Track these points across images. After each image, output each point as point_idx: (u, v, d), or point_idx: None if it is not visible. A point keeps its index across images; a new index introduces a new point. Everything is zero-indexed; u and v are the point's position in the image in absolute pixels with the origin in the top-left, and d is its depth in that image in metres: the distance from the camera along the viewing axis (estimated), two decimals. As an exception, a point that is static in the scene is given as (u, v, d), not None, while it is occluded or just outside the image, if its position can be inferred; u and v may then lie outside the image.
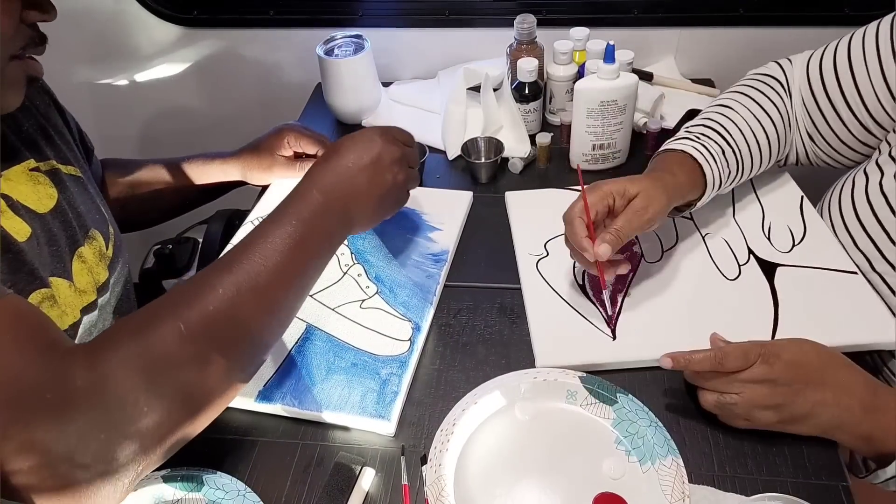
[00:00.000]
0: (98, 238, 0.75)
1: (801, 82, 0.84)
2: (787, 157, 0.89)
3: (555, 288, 0.79)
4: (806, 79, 0.83)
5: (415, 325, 0.75)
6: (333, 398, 0.68)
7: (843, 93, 0.79)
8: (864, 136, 0.80)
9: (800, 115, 0.84)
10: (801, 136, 0.86)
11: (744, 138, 0.81)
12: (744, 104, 0.83)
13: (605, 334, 0.73)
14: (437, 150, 1.05)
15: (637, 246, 0.84)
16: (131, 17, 1.28)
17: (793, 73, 0.85)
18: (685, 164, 0.77)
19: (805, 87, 0.83)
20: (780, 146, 0.84)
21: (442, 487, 0.59)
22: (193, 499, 0.61)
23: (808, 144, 0.85)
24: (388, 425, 0.66)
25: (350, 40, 1.11)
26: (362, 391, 0.68)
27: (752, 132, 0.81)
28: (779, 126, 0.83)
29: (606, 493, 0.59)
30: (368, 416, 0.66)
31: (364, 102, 1.14)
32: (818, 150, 0.85)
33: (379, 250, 0.85)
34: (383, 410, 0.66)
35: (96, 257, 0.74)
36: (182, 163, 0.98)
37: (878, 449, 0.61)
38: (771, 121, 0.83)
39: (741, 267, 0.79)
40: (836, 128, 0.81)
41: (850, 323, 0.70)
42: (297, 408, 0.67)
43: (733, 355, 0.60)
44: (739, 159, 0.80)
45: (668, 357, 0.63)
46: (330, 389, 0.69)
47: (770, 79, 0.85)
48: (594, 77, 0.91)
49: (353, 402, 0.67)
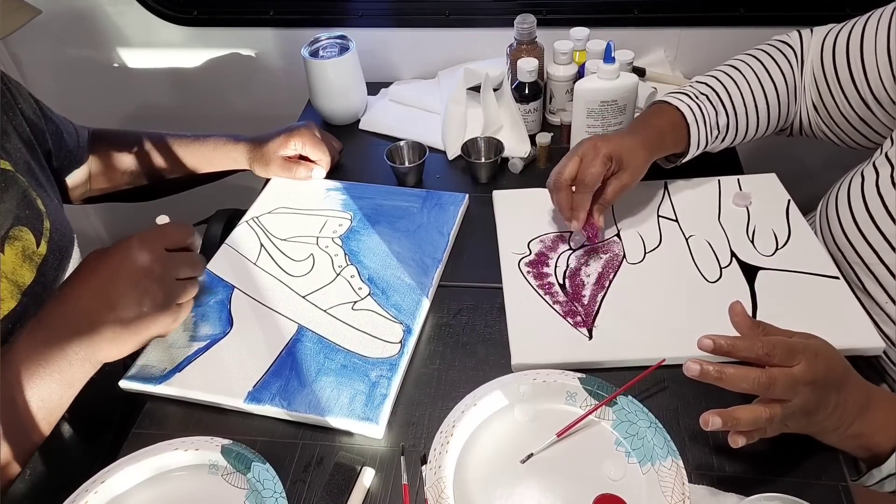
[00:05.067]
0: (25, 236, 0.71)
1: (814, 52, 0.85)
2: (791, 127, 0.91)
3: (535, 287, 0.79)
4: (819, 49, 0.84)
5: (406, 328, 0.75)
6: (322, 400, 0.68)
7: (850, 68, 0.80)
8: (865, 114, 0.80)
9: (808, 84, 0.86)
10: (806, 105, 0.87)
11: (743, 102, 0.85)
12: (752, 67, 0.86)
13: (583, 334, 0.73)
14: (437, 150, 1.05)
15: (619, 246, 0.84)
16: (131, 17, 1.28)
17: (809, 43, 0.87)
18: (675, 122, 0.83)
19: (817, 58, 0.84)
20: (780, 114, 0.87)
21: (442, 489, 0.59)
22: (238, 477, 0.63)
23: (811, 114, 0.87)
24: (377, 428, 0.66)
25: (335, 41, 1.11)
26: (351, 393, 0.68)
27: (752, 97, 0.85)
28: (782, 94, 0.86)
29: (606, 495, 0.59)
30: (356, 419, 0.66)
31: (351, 103, 1.14)
32: (821, 121, 0.86)
33: (374, 251, 0.85)
34: (371, 413, 0.66)
35: (19, 258, 0.69)
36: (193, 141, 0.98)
37: (867, 447, 0.60)
38: (775, 88, 0.85)
39: (723, 269, 0.79)
40: (838, 101, 0.82)
41: (829, 328, 0.66)
42: (286, 409, 0.67)
43: (780, 347, 0.55)
44: (734, 123, 0.85)
45: (707, 339, 0.55)
46: (319, 391, 0.69)
47: (786, 46, 0.88)
48: (594, 77, 0.91)
49: (341, 405, 0.67)
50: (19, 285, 0.68)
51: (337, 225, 0.90)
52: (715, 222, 0.86)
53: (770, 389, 0.54)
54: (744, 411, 0.55)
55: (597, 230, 0.80)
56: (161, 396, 0.71)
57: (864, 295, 0.76)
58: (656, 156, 0.83)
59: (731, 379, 0.54)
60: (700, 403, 0.66)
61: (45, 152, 0.83)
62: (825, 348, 0.58)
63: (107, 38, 1.32)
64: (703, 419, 0.55)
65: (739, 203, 0.88)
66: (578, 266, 0.82)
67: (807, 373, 0.55)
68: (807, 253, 0.80)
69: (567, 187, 0.79)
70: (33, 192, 0.74)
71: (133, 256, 0.62)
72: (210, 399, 0.70)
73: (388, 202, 0.93)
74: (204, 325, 0.77)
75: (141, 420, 0.71)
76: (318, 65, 1.08)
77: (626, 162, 0.78)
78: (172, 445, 0.64)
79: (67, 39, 1.33)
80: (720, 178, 0.92)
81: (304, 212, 0.93)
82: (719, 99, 0.85)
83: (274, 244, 0.88)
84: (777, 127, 0.90)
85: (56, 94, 1.39)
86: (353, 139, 1.12)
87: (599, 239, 0.81)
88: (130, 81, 1.39)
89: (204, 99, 1.41)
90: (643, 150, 0.80)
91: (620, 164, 0.78)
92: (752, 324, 0.59)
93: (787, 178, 0.91)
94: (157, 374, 0.71)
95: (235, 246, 0.88)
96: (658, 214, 0.88)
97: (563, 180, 0.78)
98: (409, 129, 1.10)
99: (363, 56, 1.12)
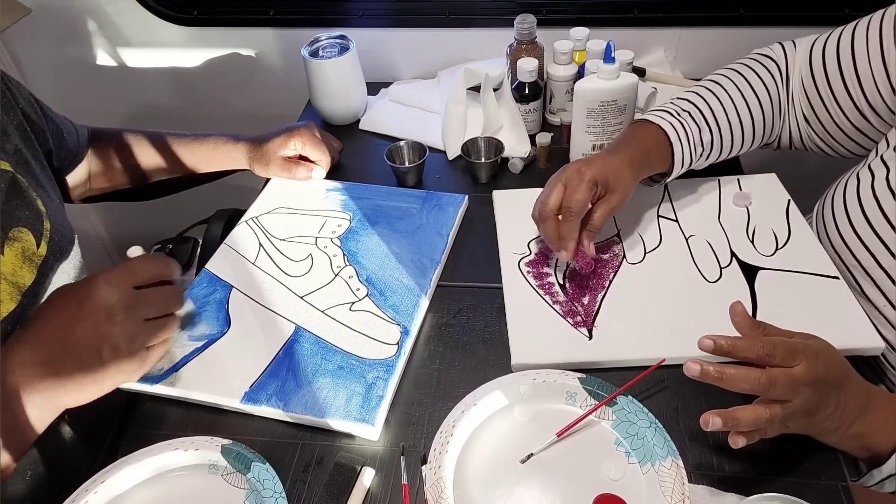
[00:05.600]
0: (25, 237, 0.69)
1: (802, 64, 0.84)
2: (780, 140, 0.90)
3: (535, 287, 0.79)
4: (808, 60, 0.83)
5: (403, 329, 0.75)
6: (319, 401, 0.68)
7: (842, 76, 0.79)
8: (860, 122, 0.80)
9: (798, 96, 0.85)
10: (797, 117, 0.86)
11: (727, 118, 0.83)
12: (735, 82, 0.85)
13: (583, 334, 0.73)
14: (437, 150, 1.05)
15: (619, 246, 0.84)
16: (131, 17, 1.28)
17: (794, 56, 0.86)
18: (659, 140, 0.80)
19: (806, 69, 0.83)
20: (764, 129, 0.86)
21: (442, 489, 0.59)
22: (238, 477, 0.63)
23: (803, 127, 0.86)
24: (373, 430, 0.65)
25: (335, 41, 1.11)
26: (348, 395, 0.68)
27: (736, 113, 0.84)
28: (766, 108, 0.85)
29: (606, 495, 0.59)
30: (353, 420, 0.66)
31: (351, 103, 1.14)
32: (813, 133, 0.86)
33: (372, 252, 0.85)
34: (367, 415, 0.66)
35: (19, 259, 0.68)
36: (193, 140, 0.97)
37: (867, 447, 0.60)
38: (759, 102, 0.84)
39: (722, 269, 0.79)
40: (832, 111, 0.82)
41: (829, 328, 0.67)
42: (282, 410, 0.67)
43: (781, 348, 0.55)
44: (718, 139, 0.83)
45: (708, 339, 0.55)
46: (316, 392, 0.68)
47: (768, 60, 0.86)
48: (594, 77, 0.91)
49: (338, 406, 0.67)
50: (19, 286, 0.68)
51: (336, 225, 0.90)
52: (715, 222, 0.86)
53: (770, 390, 0.54)
54: (744, 412, 0.55)
55: (587, 259, 0.76)
56: (160, 396, 0.71)
57: (862, 298, 0.75)
58: (643, 175, 0.80)
59: (731, 379, 0.54)
60: (700, 404, 0.66)
61: (46, 152, 0.83)
62: (826, 349, 0.58)
63: (107, 38, 1.32)
64: (703, 419, 0.55)
65: (739, 203, 0.88)
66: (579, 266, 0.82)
67: (807, 373, 0.54)
68: (807, 253, 0.80)
69: (553, 217, 0.75)
70: (33, 193, 0.73)
71: (95, 297, 0.58)
72: (207, 399, 0.70)
73: (388, 203, 0.93)
74: (201, 325, 0.77)
75: (141, 420, 0.71)
76: (318, 65, 1.08)
77: (612, 184, 0.74)
78: (172, 445, 0.64)
79: (67, 39, 1.33)
80: (720, 178, 0.92)
81: (304, 212, 0.93)
82: (702, 116, 0.83)
83: (273, 244, 0.88)
84: (762, 141, 0.88)
85: (56, 93, 1.39)
86: (353, 139, 1.12)
87: (591, 267, 0.77)
88: (129, 81, 1.39)
89: (204, 99, 1.41)
90: (629, 171, 0.76)
91: (607, 187, 0.74)
92: (753, 324, 0.59)
93: (787, 179, 0.91)
94: (155, 372, 0.71)
95: (234, 246, 0.88)
96: (658, 214, 0.88)
97: (548, 210, 0.74)
98: (409, 129, 1.10)
99: (363, 56, 1.12)
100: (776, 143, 0.91)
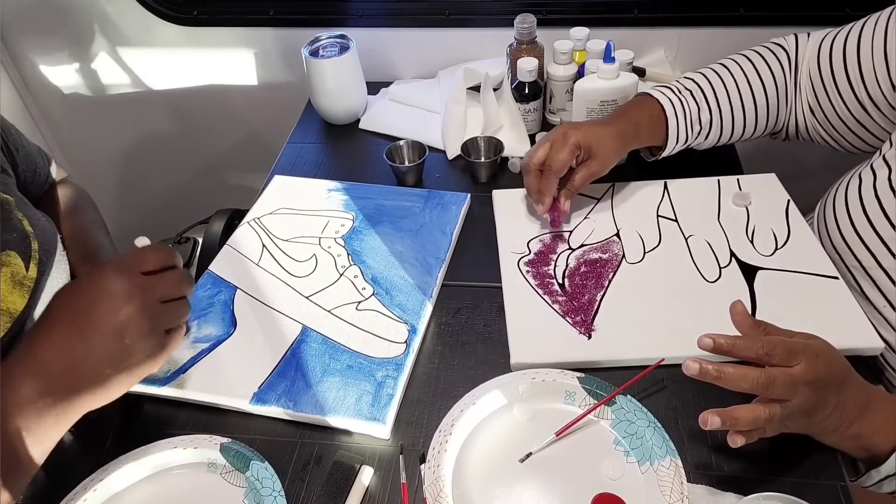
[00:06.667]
0: (13, 261, 0.65)
1: (811, 56, 0.85)
2: (787, 130, 0.91)
3: (535, 286, 0.79)
4: (816, 53, 0.84)
5: (411, 328, 0.75)
6: (329, 401, 0.68)
7: (847, 71, 0.80)
8: (862, 117, 0.80)
9: (805, 87, 0.86)
10: (803, 108, 0.87)
11: (728, 100, 0.86)
12: (742, 67, 0.87)
13: (582, 333, 0.73)
14: (437, 150, 1.05)
15: (619, 246, 0.84)
16: (131, 17, 1.28)
17: (805, 47, 0.87)
18: (654, 114, 0.84)
19: (813, 62, 0.84)
20: (769, 115, 0.88)
21: (441, 488, 0.59)
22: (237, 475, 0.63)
23: (808, 118, 0.87)
24: (384, 428, 0.66)
25: (335, 41, 1.11)
26: (358, 394, 0.68)
27: (739, 96, 0.86)
28: (771, 95, 0.86)
29: (605, 494, 0.59)
30: (364, 419, 0.66)
31: (351, 103, 1.14)
32: (818, 125, 0.86)
33: (377, 251, 0.85)
34: (378, 413, 0.66)
35: (9, 285, 0.64)
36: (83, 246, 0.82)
37: (866, 447, 0.60)
38: (763, 88, 0.86)
39: (722, 269, 0.79)
40: (836, 104, 0.82)
41: (829, 328, 0.66)
42: (293, 410, 0.67)
43: (780, 347, 0.55)
44: (718, 120, 0.86)
45: (707, 337, 0.56)
46: (325, 392, 0.69)
47: (779, 49, 0.88)
48: (594, 77, 0.91)
49: (348, 405, 0.67)
50: (10, 313, 0.64)
51: (339, 225, 0.90)
52: (714, 222, 0.86)
53: (769, 389, 0.54)
54: (743, 411, 0.55)
55: (561, 215, 0.83)
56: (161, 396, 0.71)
57: (861, 299, 0.75)
58: (630, 147, 0.85)
59: (730, 378, 0.54)
60: (699, 403, 0.66)
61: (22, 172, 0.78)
62: (825, 348, 0.58)
63: (107, 38, 1.33)
64: (702, 419, 0.55)
65: (739, 203, 0.88)
66: (578, 265, 0.82)
67: (807, 373, 0.54)
68: (806, 253, 0.80)
69: (536, 171, 0.82)
70: (19, 213, 0.69)
71: (107, 284, 0.55)
72: (215, 401, 0.70)
73: (390, 202, 0.93)
74: (207, 327, 0.77)
75: (140, 419, 0.71)
76: (318, 64, 1.08)
77: (595, 150, 0.80)
78: (171, 444, 0.64)
79: (67, 39, 1.34)
80: (720, 177, 0.92)
81: (306, 212, 0.93)
82: (703, 95, 0.86)
83: (276, 245, 0.88)
84: (768, 129, 0.90)
85: (56, 93, 1.39)
86: (353, 139, 1.12)
87: (564, 223, 0.85)
88: (129, 81, 1.39)
89: (203, 99, 1.41)
90: (615, 140, 0.81)
91: (590, 153, 0.80)
92: (753, 323, 0.59)
93: (787, 178, 0.91)
94: (161, 375, 0.71)
95: (237, 247, 0.88)
96: (657, 214, 0.88)
97: (532, 164, 0.82)
98: (409, 129, 1.10)
99: (363, 56, 1.12)
100: (784, 133, 0.92)
